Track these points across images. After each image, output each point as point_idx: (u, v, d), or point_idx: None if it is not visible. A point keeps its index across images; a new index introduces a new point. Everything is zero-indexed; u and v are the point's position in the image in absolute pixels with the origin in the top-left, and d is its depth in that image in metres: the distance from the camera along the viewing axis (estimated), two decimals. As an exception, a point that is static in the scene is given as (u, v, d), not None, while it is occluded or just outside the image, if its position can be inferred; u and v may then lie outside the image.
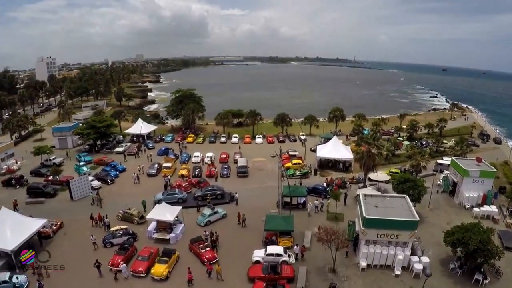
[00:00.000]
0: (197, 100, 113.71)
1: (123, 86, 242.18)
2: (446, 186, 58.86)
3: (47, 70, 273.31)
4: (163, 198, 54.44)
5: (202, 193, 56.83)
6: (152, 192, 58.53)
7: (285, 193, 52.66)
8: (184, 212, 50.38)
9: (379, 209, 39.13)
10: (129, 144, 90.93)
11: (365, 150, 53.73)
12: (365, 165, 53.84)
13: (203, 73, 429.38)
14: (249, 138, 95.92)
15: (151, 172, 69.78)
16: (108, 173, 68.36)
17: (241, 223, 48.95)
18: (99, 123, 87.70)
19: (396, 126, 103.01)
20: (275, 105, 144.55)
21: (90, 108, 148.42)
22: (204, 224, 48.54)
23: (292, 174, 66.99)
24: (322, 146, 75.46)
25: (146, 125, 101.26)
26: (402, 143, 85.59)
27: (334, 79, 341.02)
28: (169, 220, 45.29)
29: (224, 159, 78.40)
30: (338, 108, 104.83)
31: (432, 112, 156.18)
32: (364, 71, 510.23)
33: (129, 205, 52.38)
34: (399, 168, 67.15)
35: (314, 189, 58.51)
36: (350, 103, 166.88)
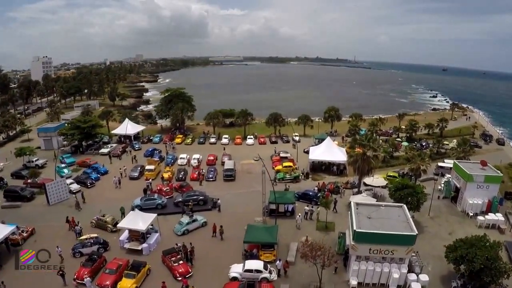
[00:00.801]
0: (186, 100, 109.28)
1: (119, 85, 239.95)
2: (448, 192, 54.19)
3: (43, 69, 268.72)
4: (141, 203, 51.31)
5: (183, 199, 52.88)
6: (133, 197, 54.92)
7: (271, 200, 48.23)
8: (163, 220, 47.11)
9: (373, 221, 34.48)
10: (115, 145, 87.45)
11: (360, 153, 48.85)
12: (359, 169, 49.10)
13: (202, 73, 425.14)
14: (240, 139, 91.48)
15: (133, 175, 66.18)
16: (88, 175, 65.15)
17: (216, 235, 44.29)
18: (83, 124, 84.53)
19: (395, 126, 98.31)
20: (271, 106, 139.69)
21: (82, 108, 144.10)
22: (181, 233, 44.65)
23: (282, 177, 62.45)
24: (315, 148, 70.87)
25: (133, 125, 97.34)
26: (401, 145, 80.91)
27: (334, 79, 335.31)
28: (141, 229, 41.43)
29: (211, 162, 74.09)
30: (334, 108, 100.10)
31: (432, 112, 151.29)
32: (364, 71, 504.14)
33: (107, 211, 49.26)
34: (397, 172, 62.69)
35: (304, 195, 53.98)
36: (348, 103, 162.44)
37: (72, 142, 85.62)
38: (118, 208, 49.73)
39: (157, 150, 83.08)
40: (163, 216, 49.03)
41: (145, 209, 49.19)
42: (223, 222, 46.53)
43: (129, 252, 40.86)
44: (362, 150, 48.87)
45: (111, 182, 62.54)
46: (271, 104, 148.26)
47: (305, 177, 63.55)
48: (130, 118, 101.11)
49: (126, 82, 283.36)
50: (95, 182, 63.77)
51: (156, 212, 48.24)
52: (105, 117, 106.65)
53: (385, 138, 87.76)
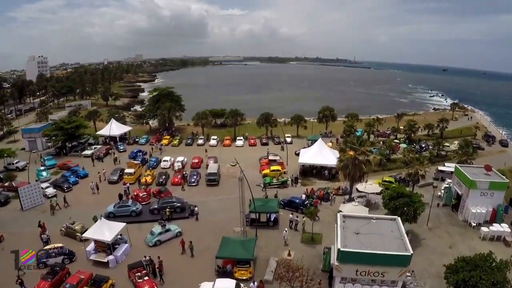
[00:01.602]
0: (175, 99, 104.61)
1: (115, 85, 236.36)
2: (449, 199, 49.36)
3: (38, 69, 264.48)
4: (114, 210, 47.94)
5: (158, 206, 48.95)
6: (112, 202, 51.10)
7: (252, 208, 43.87)
8: (136, 228, 44.25)
9: (361, 237, 29.72)
10: (99, 147, 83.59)
11: (350, 157, 44.00)
12: (350, 175, 44.24)
13: (201, 73, 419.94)
14: (229, 140, 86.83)
15: (112, 179, 62.33)
16: (66, 179, 61.53)
17: (185, 252, 39.48)
18: (67, 124, 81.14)
19: (393, 126, 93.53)
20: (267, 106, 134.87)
21: (74, 108, 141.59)
22: (152, 244, 40.81)
23: (269, 183, 57.78)
24: (305, 150, 66.14)
25: (118, 125, 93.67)
26: (399, 146, 76.12)
27: (333, 79, 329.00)
28: (106, 240, 37.80)
29: (196, 165, 69.72)
30: (328, 107, 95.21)
31: (432, 112, 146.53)
32: (363, 71, 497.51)
33: (82, 218, 45.97)
34: (394, 177, 58.00)
35: (290, 202, 49.36)
36: (347, 103, 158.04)
37: (56, 143, 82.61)
38: (93, 215, 45.82)
39: (142, 151, 78.94)
40: (137, 225, 45.72)
41: (118, 216, 46.36)
42: (199, 232, 43.36)
43: (95, 264, 37.52)
44: (353, 154, 43.90)
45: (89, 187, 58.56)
46: (267, 104, 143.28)
47: (294, 182, 58.75)
48: (117, 119, 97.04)
49: (122, 81, 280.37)
50: (72, 186, 60.10)
51: (130, 219, 45.83)
52: (92, 117, 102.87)
53: (383, 140, 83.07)
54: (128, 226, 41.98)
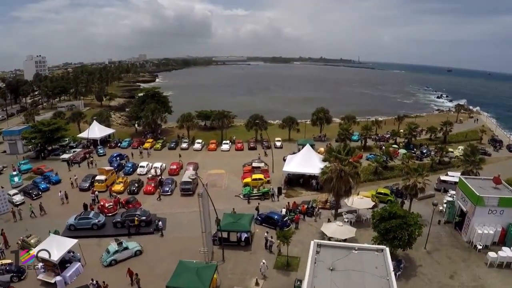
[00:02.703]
0: (161, 100, 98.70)
1: (113, 85, 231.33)
2: (451, 215, 42.63)
3: (36, 69, 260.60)
4: (74, 223, 43.50)
5: (121, 219, 44.12)
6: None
7: (219, 227, 37.78)
8: (96, 244, 40.17)
9: (336, 275, 23.18)
10: (79, 150, 78.92)
11: (334, 169, 37.49)
12: (334, 190, 37.68)
13: (202, 73, 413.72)
14: (215, 144, 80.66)
15: (83, 186, 57.94)
16: (36, 185, 57.66)
17: (133, 283, 33.20)
18: (45, 127, 77.10)
19: (393, 130, 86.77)
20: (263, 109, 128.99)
21: (66, 108, 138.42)
22: (107, 264, 36.18)
23: (248, 193, 51.50)
24: (292, 157, 59.71)
25: (101, 128, 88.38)
26: (398, 152, 69.44)
27: (336, 79, 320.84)
28: (52, 260, 33.41)
29: (174, 171, 64.03)
30: (323, 109, 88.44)
31: (436, 113, 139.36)
32: (367, 72, 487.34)
33: (46, 229, 41.46)
34: (390, 188, 51.31)
35: (267, 218, 43.04)
36: (347, 104, 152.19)
37: (34, 146, 78.72)
38: (58, 226, 42.90)
39: (122, 155, 73.86)
40: (98, 239, 41.56)
41: (80, 229, 42.81)
42: (161, 251, 38.81)
43: (44, 285, 33.80)
44: (338, 165, 37.30)
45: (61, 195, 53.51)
46: (264, 106, 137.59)
47: (277, 193, 52.39)
48: (100, 121, 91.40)
49: (122, 81, 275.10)
50: (41, 193, 55.81)
51: (92, 233, 42.43)
52: (76, 119, 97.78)
53: (380, 144, 76.46)
54: (88, 241, 39.44)
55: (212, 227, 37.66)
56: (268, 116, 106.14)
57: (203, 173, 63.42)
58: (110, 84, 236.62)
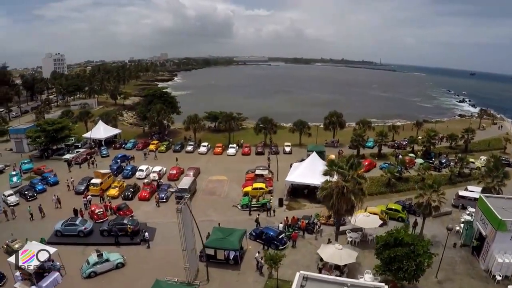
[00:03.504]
0: (168, 100, 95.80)
1: (130, 84, 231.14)
2: (468, 238, 37.70)
3: (54, 66, 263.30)
4: (61, 229, 41.67)
5: (107, 227, 41.71)
6: None
7: (206, 242, 34.75)
8: (80, 253, 37.95)
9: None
10: (82, 150, 77.03)
11: (334, 186, 32.86)
12: (334, 208, 33.32)
13: (222, 72, 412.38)
14: (221, 148, 77.05)
15: (78, 189, 55.79)
16: (33, 186, 56.24)
17: None
18: (49, 126, 75.61)
19: (411, 136, 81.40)
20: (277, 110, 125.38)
21: (79, 106, 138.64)
22: (86, 275, 34.10)
23: (246, 204, 47.70)
24: (298, 165, 55.57)
25: (106, 128, 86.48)
26: (414, 161, 64.41)
27: (356, 82, 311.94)
28: (27, 270, 31.73)
29: (173, 176, 60.83)
30: (336, 113, 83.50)
31: (458, 119, 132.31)
32: (389, 74, 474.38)
33: (35, 234, 40.21)
34: (402, 203, 46.33)
35: (262, 234, 39.13)
36: (365, 108, 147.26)
37: (38, 145, 77.52)
38: (49, 231, 41.93)
39: (129, 156, 72.59)
40: (83, 247, 39.51)
41: (66, 235, 41.10)
42: (144, 265, 35.91)
43: None
44: (339, 181, 32.69)
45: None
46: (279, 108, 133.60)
47: (278, 204, 48.42)
48: (106, 120, 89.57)
49: (140, 80, 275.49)
50: (36, 195, 54.23)
51: (79, 240, 40.50)
52: (83, 118, 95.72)
53: (396, 153, 71.33)
54: (74, 248, 38.22)
55: (200, 242, 34.23)
56: (282, 119, 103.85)
57: (204, 179, 60.57)
58: (127, 82, 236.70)
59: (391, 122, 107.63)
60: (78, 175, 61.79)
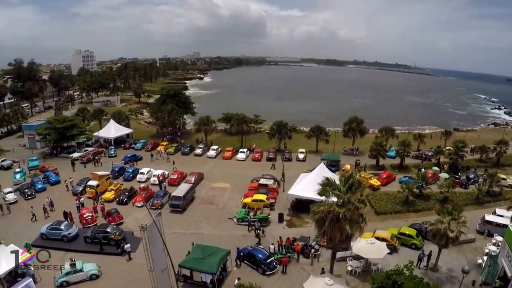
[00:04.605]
0: (182, 101, 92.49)
1: (158, 82, 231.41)
2: (491, 276, 31.60)
3: (83, 63, 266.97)
4: (46, 232, 40.42)
5: (91, 234, 39.66)
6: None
7: (182, 262, 31.66)
8: (60, 259, 35.64)
9: None
10: (91, 149, 75.89)
11: (326, 210, 27.16)
12: (327, 236, 27.96)
13: (252, 73, 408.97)
14: (231, 152, 72.83)
15: (76, 190, 54.30)
16: (33, 185, 55.49)
17: None
18: (59, 123, 74.65)
19: (438, 146, 74.53)
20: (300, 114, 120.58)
21: (101, 103, 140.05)
22: (58, 284, 32.67)
23: (242, 218, 43.26)
24: (304, 176, 50.54)
25: (117, 127, 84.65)
26: (438, 176, 57.82)
27: (388, 85, 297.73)
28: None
29: (174, 181, 57.24)
30: (356, 118, 77.36)
31: (491, 127, 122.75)
32: (422, 78, 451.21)
33: (25, 235, 39.97)
34: (418, 227, 40.06)
35: (249, 256, 34.69)
36: (395, 113, 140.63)
37: (47, 143, 77.32)
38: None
39: (138, 156, 71.63)
40: (64, 253, 37.58)
41: (51, 239, 39.86)
42: (123, 277, 33.82)
43: None
44: (333, 206, 27.12)
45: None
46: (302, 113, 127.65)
47: (278, 220, 43.75)
48: (119, 120, 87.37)
49: (169, 78, 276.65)
50: (35, 193, 53.47)
51: (63, 246, 38.93)
52: (97, 116, 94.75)
53: (420, 165, 64.85)
54: (55, 254, 35.90)
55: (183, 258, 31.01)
56: (305, 124, 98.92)
57: (205, 185, 56.78)
58: (155, 80, 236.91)
59: (419, 129, 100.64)
60: (82, 175, 60.08)
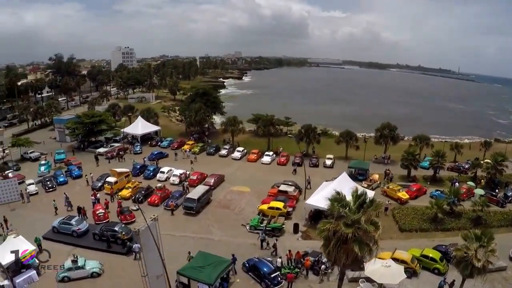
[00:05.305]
0: (211, 100, 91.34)
1: (196, 80, 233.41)
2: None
3: (122, 60, 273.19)
4: (57, 226, 40.87)
5: (99, 232, 39.50)
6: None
7: (181, 269, 30.57)
8: (67, 254, 35.72)
9: None
10: (116, 145, 76.66)
11: (331, 229, 24.17)
12: (331, 257, 24.94)
13: (293, 74, 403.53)
14: (256, 155, 70.73)
15: (95, 185, 54.60)
16: (55, 178, 56.99)
17: None
18: (87, 119, 76.68)
19: (476, 159, 69.34)
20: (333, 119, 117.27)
21: (136, 100, 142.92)
22: (60, 279, 32.82)
23: (255, 225, 41.20)
24: (326, 185, 47.75)
25: (145, 124, 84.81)
26: (473, 192, 52.81)
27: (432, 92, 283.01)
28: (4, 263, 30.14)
29: (194, 182, 55.93)
30: (389, 124, 72.93)
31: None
32: (466, 84, 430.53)
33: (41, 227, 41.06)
34: (445, 249, 35.99)
35: (254, 268, 32.71)
36: (435, 120, 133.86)
37: (75, 137, 78.79)
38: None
39: (164, 154, 72.45)
40: (72, 248, 37.96)
41: (62, 233, 40.43)
42: (124, 278, 33.00)
43: None
44: (339, 225, 23.95)
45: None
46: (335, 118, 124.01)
47: (293, 230, 41.36)
48: (148, 117, 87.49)
49: (208, 76, 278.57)
50: (56, 186, 54.67)
51: (72, 241, 39.21)
52: (127, 112, 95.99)
53: (453, 178, 60.24)
54: (64, 248, 37.56)
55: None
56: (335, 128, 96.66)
57: (225, 188, 55.22)
58: (193, 78, 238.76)
59: (458, 138, 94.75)
60: (104, 170, 60.07)
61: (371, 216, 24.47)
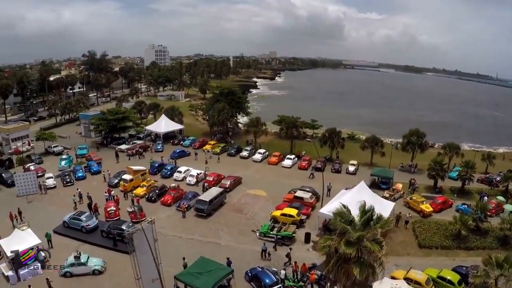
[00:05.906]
0: (236, 100, 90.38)
1: (228, 79, 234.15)
2: None
3: (155, 57, 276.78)
4: (68, 221, 41.76)
5: (106, 229, 39.80)
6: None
7: (178, 274, 29.89)
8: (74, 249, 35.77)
9: None
10: (139, 142, 77.60)
11: (332, 246, 22.69)
12: (333, 277, 23.23)
13: (327, 75, 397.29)
14: (277, 158, 69.26)
15: (111, 182, 55.49)
16: (74, 172, 58.29)
17: None
18: (111, 115, 78.32)
19: (509, 170, 64.91)
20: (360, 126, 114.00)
21: (165, 97, 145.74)
22: (62, 274, 33.29)
23: (265, 232, 39.76)
24: (343, 193, 45.69)
25: (168, 122, 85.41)
26: (502, 207, 49.44)
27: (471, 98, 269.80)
28: (8, 255, 32.90)
29: (210, 183, 54.86)
30: (417, 131, 69.64)
31: None
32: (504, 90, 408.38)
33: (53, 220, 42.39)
34: (465, 271, 32.95)
35: (256, 278, 31.32)
36: (473, 128, 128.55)
37: (98, 133, 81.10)
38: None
39: (186, 152, 72.92)
40: (79, 244, 38.65)
41: (72, 228, 41.23)
42: (126, 277, 31.05)
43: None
44: (339, 243, 22.42)
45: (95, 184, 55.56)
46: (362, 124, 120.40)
47: (304, 240, 39.66)
48: (172, 115, 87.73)
49: (241, 76, 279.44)
50: (74, 181, 55.89)
51: (80, 236, 39.99)
52: (152, 110, 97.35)
53: (482, 192, 56.24)
54: (72, 243, 38.50)
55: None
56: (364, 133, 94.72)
57: (241, 191, 54.00)
58: (225, 78, 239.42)
59: (492, 148, 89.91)
60: (122, 167, 60.35)
61: (376, 234, 22.47)
